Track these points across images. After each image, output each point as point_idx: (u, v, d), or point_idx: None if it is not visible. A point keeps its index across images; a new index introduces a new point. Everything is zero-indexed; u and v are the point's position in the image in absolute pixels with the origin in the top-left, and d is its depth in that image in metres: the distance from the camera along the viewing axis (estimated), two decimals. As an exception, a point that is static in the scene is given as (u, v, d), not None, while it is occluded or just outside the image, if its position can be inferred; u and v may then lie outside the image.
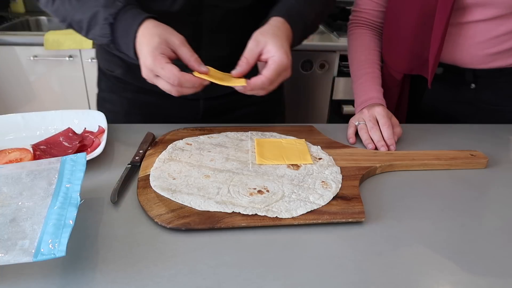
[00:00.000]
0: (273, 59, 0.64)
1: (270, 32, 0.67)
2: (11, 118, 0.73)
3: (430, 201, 0.59)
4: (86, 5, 0.66)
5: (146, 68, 0.62)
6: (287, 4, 0.74)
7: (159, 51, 0.61)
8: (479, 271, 0.47)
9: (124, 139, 0.73)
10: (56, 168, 0.53)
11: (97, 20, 0.66)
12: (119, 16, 0.65)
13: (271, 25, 0.69)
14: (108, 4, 0.65)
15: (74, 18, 0.68)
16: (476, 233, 0.53)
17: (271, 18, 0.71)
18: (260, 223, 0.51)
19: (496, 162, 0.70)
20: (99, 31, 0.66)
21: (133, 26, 0.63)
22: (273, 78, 0.64)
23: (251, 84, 0.64)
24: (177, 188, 0.56)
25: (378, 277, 0.45)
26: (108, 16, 0.64)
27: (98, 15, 0.65)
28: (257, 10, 0.84)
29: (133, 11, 0.65)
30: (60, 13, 0.70)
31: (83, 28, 0.68)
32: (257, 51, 0.66)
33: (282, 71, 0.65)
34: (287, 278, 0.44)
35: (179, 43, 0.63)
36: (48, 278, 0.43)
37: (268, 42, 0.65)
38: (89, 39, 0.70)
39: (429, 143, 0.76)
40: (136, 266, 0.45)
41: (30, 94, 1.76)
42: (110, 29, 0.65)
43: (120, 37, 0.65)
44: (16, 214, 0.46)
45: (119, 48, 0.67)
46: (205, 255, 0.47)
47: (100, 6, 0.65)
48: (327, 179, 0.59)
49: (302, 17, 0.74)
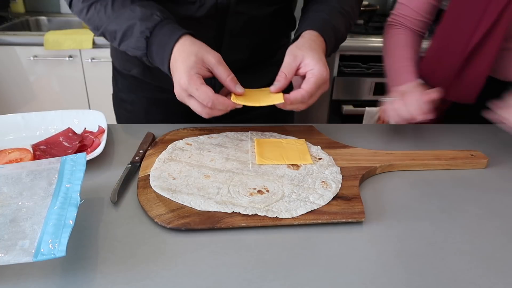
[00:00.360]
0: (312, 73, 0.64)
1: (306, 45, 0.67)
2: (11, 118, 0.73)
3: (430, 201, 0.59)
4: (122, 16, 0.66)
5: (180, 87, 0.61)
6: (320, 17, 0.74)
7: (195, 71, 0.60)
8: (479, 271, 0.47)
9: (124, 139, 0.73)
10: (56, 168, 0.53)
11: (132, 33, 0.65)
12: (155, 31, 0.64)
13: (306, 38, 0.69)
14: (145, 17, 0.64)
15: (108, 28, 0.68)
16: (476, 233, 0.53)
17: (305, 31, 0.71)
18: (260, 223, 0.51)
19: (496, 162, 0.70)
20: (134, 43, 0.66)
21: (169, 42, 0.63)
22: (313, 92, 0.64)
23: (291, 99, 0.64)
24: (177, 188, 0.56)
25: (378, 277, 0.45)
26: (145, 29, 0.64)
27: (135, 27, 0.65)
28: (278, 17, 0.85)
29: (170, 26, 0.65)
30: (94, 22, 0.69)
31: (117, 39, 0.68)
32: (295, 65, 0.66)
33: (322, 84, 0.64)
34: (287, 278, 0.44)
35: (215, 62, 0.62)
36: (48, 278, 0.43)
37: (306, 55, 0.65)
38: (121, 50, 0.70)
39: (429, 143, 0.76)
40: (136, 266, 0.45)
41: (30, 94, 1.76)
42: (146, 43, 0.65)
43: (155, 51, 0.65)
44: (16, 214, 0.46)
45: (153, 61, 0.67)
46: (205, 255, 0.47)
47: (137, 19, 0.64)
48: (327, 179, 0.59)
49: (334, 30, 0.74)
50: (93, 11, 0.68)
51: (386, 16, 0.97)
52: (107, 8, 0.67)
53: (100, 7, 0.67)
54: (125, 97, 0.91)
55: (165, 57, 0.64)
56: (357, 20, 0.88)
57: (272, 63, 0.95)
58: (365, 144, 0.73)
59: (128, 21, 0.65)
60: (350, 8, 0.80)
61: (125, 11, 0.66)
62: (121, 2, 0.67)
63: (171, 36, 0.63)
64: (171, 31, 0.64)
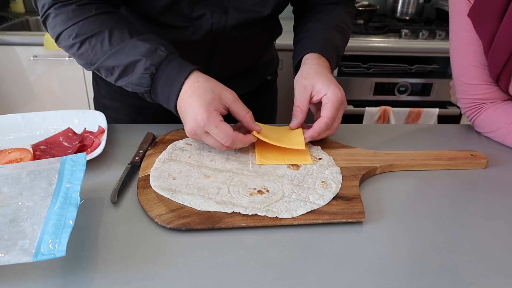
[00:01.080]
0: (327, 97, 0.64)
1: (311, 72, 0.67)
2: (11, 118, 0.73)
3: (430, 201, 0.59)
4: (122, 52, 0.62)
5: (196, 123, 0.59)
6: (319, 37, 0.74)
7: (213, 107, 0.59)
8: (479, 271, 0.47)
9: (124, 139, 0.73)
10: (56, 168, 0.53)
11: (134, 69, 0.62)
12: (161, 67, 0.61)
13: (309, 64, 0.69)
14: (149, 53, 0.61)
15: (105, 64, 0.64)
16: (476, 233, 0.53)
17: (306, 55, 0.71)
18: (260, 223, 0.51)
19: (496, 162, 0.70)
20: (136, 80, 0.62)
21: (178, 78, 0.61)
22: (334, 115, 0.64)
23: (316, 130, 0.64)
24: (177, 188, 0.56)
25: (378, 277, 0.45)
26: (150, 66, 0.61)
27: (138, 64, 0.61)
28: (267, 29, 0.85)
29: (177, 62, 0.62)
30: (87, 58, 0.65)
31: (114, 75, 0.64)
32: (306, 96, 0.66)
33: (339, 105, 0.65)
34: (287, 278, 0.44)
35: (232, 98, 0.61)
36: (48, 278, 0.43)
37: (315, 83, 0.65)
38: (118, 85, 0.66)
39: (429, 143, 0.76)
40: (136, 266, 0.45)
41: (30, 94, 1.76)
42: (151, 80, 0.62)
43: (160, 88, 0.62)
44: (16, 214, 0.46)
45: (156, 98, 0.64)
46: (205, 255, 0.47)
47: (140, 55, 0.61)
48: (327, 179, 0.59)
49: (334, 48, 0.74)
50: (87, 46, 0.63)
51: (386, 16, 0.96)
52: (104, 43, 0.63)
53: (96, 42, 0.63)
54: (109, 104, 0.89)
55: (172, 94, 0.61)
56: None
57: (257, 67, 0.95)
58: (365, 144, 0.73)
59: (129, 57, 0.62)
60: (345, 25, 0.80)
61: (125, 46, 0.62)
62: (119, 37, 0.63)
63: (179, 72, 0.61)
64: (180, 66, 0.62)
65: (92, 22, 0.63)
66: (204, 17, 0.72)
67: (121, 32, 0.63)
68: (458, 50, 0.78)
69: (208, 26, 0.73)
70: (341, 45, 0.77)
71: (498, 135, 0.77)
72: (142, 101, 0.87)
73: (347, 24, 0.81)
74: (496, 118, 0.77)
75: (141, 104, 0.87)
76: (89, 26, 0.63)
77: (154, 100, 0.65)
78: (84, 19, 0.63)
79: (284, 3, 0.80)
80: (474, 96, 0.79)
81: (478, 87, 0.78)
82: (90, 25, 0.63)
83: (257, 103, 0.96)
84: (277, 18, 0.91)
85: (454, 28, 0.77)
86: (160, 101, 0.64)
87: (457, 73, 0.79)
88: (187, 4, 0.70)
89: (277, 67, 1.06)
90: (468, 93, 0.79)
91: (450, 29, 0.79)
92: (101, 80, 0.90)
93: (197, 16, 0.72)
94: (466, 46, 0.76)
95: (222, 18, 0.73)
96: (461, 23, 0.75)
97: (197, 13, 0.72)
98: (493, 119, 0.77)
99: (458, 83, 0.80)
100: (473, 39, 0.74)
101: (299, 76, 0.68)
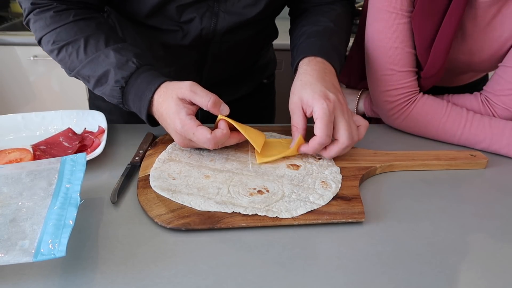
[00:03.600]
0: (315, 114, 0.59)
1: (298, 84, 0.63)
2: (11, 118, 0.73)
3: (430, 201, 0.59)
4: (95, 61, 0.62)
5: (179, 136, 0.59)
6: (315, 41, 0.70)
7: (184, 113, 0.57)
8: (479, 271, 0.47)
9: (124, 139, 0.73)
10: (56, 168, 0.53)
11: (107, 80, 0.62)
12: (131, 80, 0.61)
13: (298, 74, 0.66)
14: (119, 65, 0.61)
15: (81, 73, 0.64)
16: (476, 233, 0.53)
17: (301, 61, 0.68)
18: (260, 223, 0.51)
19: (496, 162, 0.70)
20: (109, 91, 0.63)
21: (146, 93, 0.60)
22: (326, 131, 0.59)
23: (310, 150, 0.61)
24: (177, 188, 0.56)
25: (378, 277, 0.45)
26: (120, 79, 0.61)
27: (109, 75, 0.61)
28: (261, 33, 0.84)
29: (146, 75, 0.62)
30: (65, 64, 0.65)
31: (91, 83, 0.65)
32: (298, 112, 0.62)
33: (329, 115, 0.58)
34: (287, 278, 0.44)
35: (188, 92, 0.58)
36: (48, 278, 0.43)
37: (302, 96, 0.61)
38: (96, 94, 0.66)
39: (429, 143, 0.76)
40: (136, 266, 0.45)
41: (30, 94, 1.76)
42: (121, 93, 0.62)
43: (131, 101, 0.62)
44: (16, 214, 0.46)
45: (130, 109, 0.65)
46: (205, 255, 0.47)
47: (111, 66, 0.61)
48: (327, 179, 0.59)
49: (333, 47, 0.71)
50: (64, 53, 0.64)
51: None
52: (79, 51, 0.63)
53: (72, 50, 0.63)
54: (103, 105, 0.88)
55: (142, 108, 0.61)
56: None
57: (253, 71, 0.94)
58: (365, 144, 0.73)
59: (101, 68, 0.61)
60: (343, 24, 0.78)
61: (99, 56, 0.62)
62: (94, 45, 0.63)
63: (148, 85, 0.61)
64: (149, 80, 0.61)
65: (69, 30, 0.63)
66: (193, 21, 0.71)
67: (96, 40, 0.63)
68: (393, 38, 0.74)
69: (197, 30, 0.72)
70: (340, 44, 0.75)
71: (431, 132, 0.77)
72: None
73: (344, 24, 0.79)
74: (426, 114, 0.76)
75: None
76: (66, 33, 0.63)
77: (129, 110, 0.65)
78: (62, 25, 0.63)
79: (277, 5, 0.78)
80: (407, 84, 0.76)
81: (410, 73, 0.76)
82: (67, 33, 0.63)
83: (252, 107, 0.96)
84: (273, 22, 0.89)
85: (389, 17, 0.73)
86: (136, 113, 0.64)
87: (387, 62, 0.75)
88: (175, 8, 0.69)
89: (275, 69, 1.04)
90: (400, 82, 0.76)
91: (373, 20, 0.75)
92: None
93: (186, 20, 0.71)
94: (404, 33, 0.73)
95: (212, 22, 0.72)
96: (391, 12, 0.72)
97: (186, 17, 0.71)
98: (424, 115, 0.76)
99: (389, 73, 0.76)
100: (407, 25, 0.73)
101: (291, 91, 0.64)
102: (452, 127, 0.74)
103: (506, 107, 0.74)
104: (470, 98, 0.78)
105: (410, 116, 0.77)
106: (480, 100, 0.77)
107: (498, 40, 0.74)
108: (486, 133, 0.72)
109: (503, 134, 0.71)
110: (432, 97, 0.77)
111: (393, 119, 0.79)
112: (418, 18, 0.71)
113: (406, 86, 0.76)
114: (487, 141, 0.72)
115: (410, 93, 0.76)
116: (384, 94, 0.78)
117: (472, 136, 0.73)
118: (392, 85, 0.76)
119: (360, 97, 0.90)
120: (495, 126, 0.72)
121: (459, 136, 0.74)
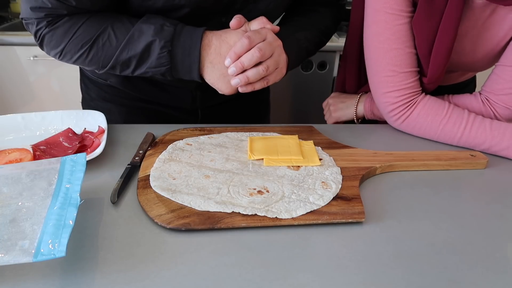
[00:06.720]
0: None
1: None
2: (11, 118, 0.73)
3: (430, 201, 0.59)
4: (131, 41, 0.63)
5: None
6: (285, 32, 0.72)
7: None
8: (479, 271, 0.47)
9: (124, 139, 0.73)
10: (56, 168, 0.53)
11: (150, 53, 0.63)
12: (175, 41, 0.62)
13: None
14: (158, 33, 0.62)
15: (120, 58, 0.64)
16: (476, 233, 0.53)
17: None
18: (260, 223, 0.51)
19: (496, 163, 0.70)
20: (155, 62, 0.63)
21: (194, 44, 0.63)
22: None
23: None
24: (177, 188, 0.56)
25: (378, 277, 0.45)
26: (165, 44, 0.61)
27: (152, 46, 0.62)
28: None
29: (185, 30, 0.63)
30: (97, 61, 0.65)
31: (131, 66, 0.65)
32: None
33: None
34: (287, 278, 0.44)
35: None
36: (48, 278, 0.43)
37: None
38: (135, 75, 0.67)
39: (429, 143, 0.76)
40: (136, 267, 0.45)
41: (30, 94, 1.76)
42: (169, 57, 0.62)
43: (180, 61, 0.63)
44: (16, 214, 0.46)
45: (176, 74, 0.65)
46: (205, 255, 0.47)
47: (152, 37, 0.61)
48: (327, 180, 0.59)
49: (297, 40, 0.73)
50: (95, 48, 0.64)
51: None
52: (111, 39, 0.63)
53: (104, 40, 0.63)
54: (101, 106, 0.88)
55: (193, 62, 0.63)
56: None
57: None
58: (365, 144, 0.73)
59: (142, 43, 0.62)
60: (325, 27, 0.81)
61: (133, 34, 0.62)
62: (123, 28, 0.63)
63: (192, 39, 0.62)
64: (191, 34, 0.63)
65: (90, 25, 0.63)
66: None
67: (122, 23, 0.64)
68: (394, 39, 0.73)
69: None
70: (306, 39, 0.76)
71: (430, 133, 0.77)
72: (135, 101, 0.87)
73: (326, 27, 0.81)
74: (427, 116, 0.76)
75: (134, 105, 0.87)
76: (89, 29, 0.63)
77: (174, 76, 0.65)
78: (82, 25, 0.63)
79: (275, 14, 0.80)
80: (409, 85, 0.75)
81: (412, 74, 0.76)
82: (90, 28, 0.63)
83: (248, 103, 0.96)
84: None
85: (389, 19, 0.73)
86: (181, 76, 0.65)
87: (389, 63, 0.74)
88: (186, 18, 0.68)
89: None
90: (402, 83, 0.75)
91: (372, 21, 0.75)
92: (90, 82, 0.88)
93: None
94: (404, 34, 0.73)
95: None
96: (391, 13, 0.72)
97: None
98: (425, 116, 0.76)
99: (390, 75, 0.75)
100: (407, 26, 0.73)
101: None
102: (452, 129, 0.74)
103: (506, 106, 0.74)
104: (470, 98, 0.78)
105: (410, 117, 0.77)
106: (481, 100, 0.77)
107: (492, 41, 0.74)
108: (486, 135, 0.72)
109: (503, 137, 0.71)
110: (433, 98, 0.77)
111: (393, 120, 0.79)
112: (419, 22, 0.71)
113: (409, 87, 0.76)
114: (487, 144, 0.72)
115: (412, 94, 0.76)
116: (385, 95, 0.77)
117: (472, 139, 0.73)
118: (394, 86, 0.76)
119: (359, 100, 0.90)
120: (496, 129, 0.72)
121: (458, 138, 0.74)
